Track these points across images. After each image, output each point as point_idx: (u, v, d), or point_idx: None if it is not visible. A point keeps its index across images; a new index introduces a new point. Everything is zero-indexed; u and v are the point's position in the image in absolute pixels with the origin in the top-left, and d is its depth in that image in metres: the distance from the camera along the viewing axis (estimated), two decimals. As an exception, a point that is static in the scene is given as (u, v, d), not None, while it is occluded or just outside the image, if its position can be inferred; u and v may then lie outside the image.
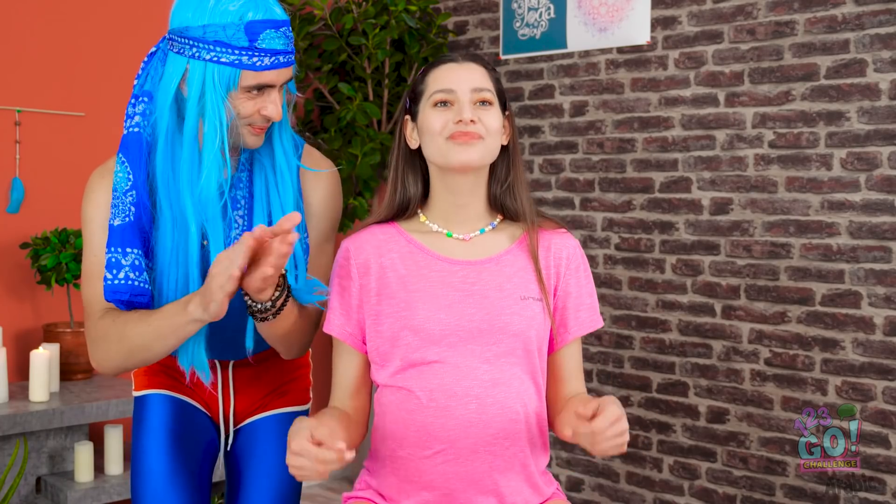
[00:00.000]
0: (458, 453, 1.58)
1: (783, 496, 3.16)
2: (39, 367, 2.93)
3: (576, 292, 1.70)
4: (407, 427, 1.61)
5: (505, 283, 1.64)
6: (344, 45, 3.81)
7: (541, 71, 3.76)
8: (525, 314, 1.62)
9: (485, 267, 1.65)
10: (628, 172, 3.52)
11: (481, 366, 1.59)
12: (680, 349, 3.40)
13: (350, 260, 1.68)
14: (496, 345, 1.61)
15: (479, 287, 1.63)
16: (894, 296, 2.94)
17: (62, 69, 3.35)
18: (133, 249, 1.64)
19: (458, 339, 1.60)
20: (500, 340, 1.61)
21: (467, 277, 1.63)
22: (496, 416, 1.58)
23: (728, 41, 3.26)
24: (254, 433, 1.90)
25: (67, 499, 2.87)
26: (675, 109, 3.39)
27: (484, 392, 1.58)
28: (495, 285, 1.63)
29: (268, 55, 1.59)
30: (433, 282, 1.63)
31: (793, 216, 3.14)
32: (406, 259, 1.66)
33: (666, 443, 3.44)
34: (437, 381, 1.59)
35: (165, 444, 1.82)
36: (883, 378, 2.96)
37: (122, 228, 1.63)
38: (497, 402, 1.58)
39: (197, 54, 1.60)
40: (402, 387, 1.62)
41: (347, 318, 1.68)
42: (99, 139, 3.42)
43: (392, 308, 1.63)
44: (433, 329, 1.60)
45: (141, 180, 1.65)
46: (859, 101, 2.99)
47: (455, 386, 1.58)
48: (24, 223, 3.26)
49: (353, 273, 1.67)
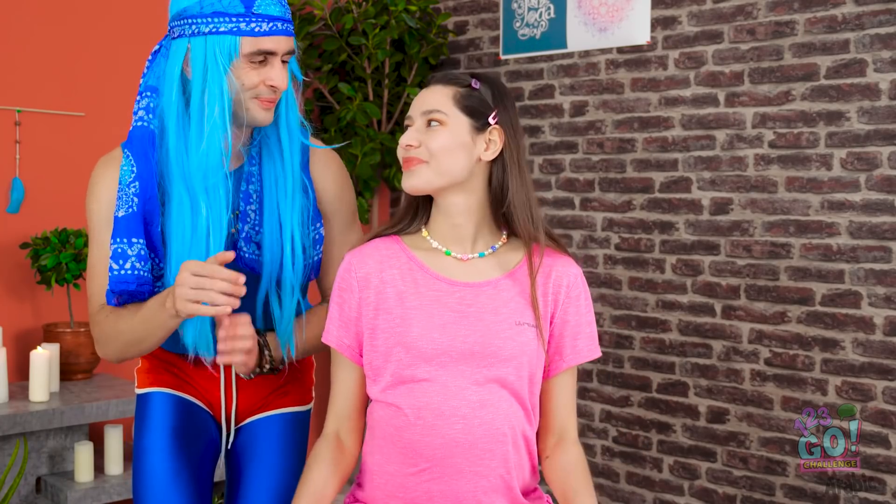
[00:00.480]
0: (442, 472, 1.59)
1: (783, 496, 3.16)
2: (39, 367, 2.93)
3: (574, 321, 1.70)
4: (394, 443, 1.62)
5: (501, 307, 1.64)
6: (344, 45, 3.81)
7: (541, 71, 3.76)
8: (518, 339, 1.63)
9: (482, 290, 1.65)
10: (628, 172, 3.52)
11: (470, 386, 1.60)
12: (680, 349, 3.40)
13: (351, 272, 1.69)
14: (487, 368, 1.61)
15: (475, 309, 1.63)
16: (894, 296, 2.94)
17: (62, 69, 3.35)
18: (138, 240, 1.67)
19: (449, 360, 1.61)
20: (491, 364, 1.61)
21: (464, 299, 1.64)
22: (482, 436, 1.59)
23: (728, 41, 3.26)
24: (255, 432, 1.90)
25: (67, 499, 2.87)
26: (675, 109, 3.39)
27: (471, 412, 1.59)
28: (491, 309, 1.64)
29: (265, 20, 1.62)
30: (429, 300, 1.64)
31: (793, 216, 3.14)
32: (405, 276, 1.67)
33: (666, 443, 3.44)
34: (425, 399, 1.60)
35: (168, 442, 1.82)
36: (883, 378, 2.97)
37: (126, 219, 1.66)
38: (484, 422, 1.59)
39: (196, 30, 1.63)
40: (391, 403, 1.63)
41: (346, 329, 1.69)
42: (99, 139, 3.42)
43: (387, 323, 1.64)
44: (425, 347, 1.61)
45: (146, 171, 1.67)
46: (859, 101, 2.99)
47: (443, 405, 1.59)
48: (24, 223, 3.26)
49: (354, 285, 1.68)
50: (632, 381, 3.53)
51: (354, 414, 1.73)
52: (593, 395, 3.64)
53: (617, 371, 3.57)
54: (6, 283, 3.24)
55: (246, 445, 1.90)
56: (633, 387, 3.53)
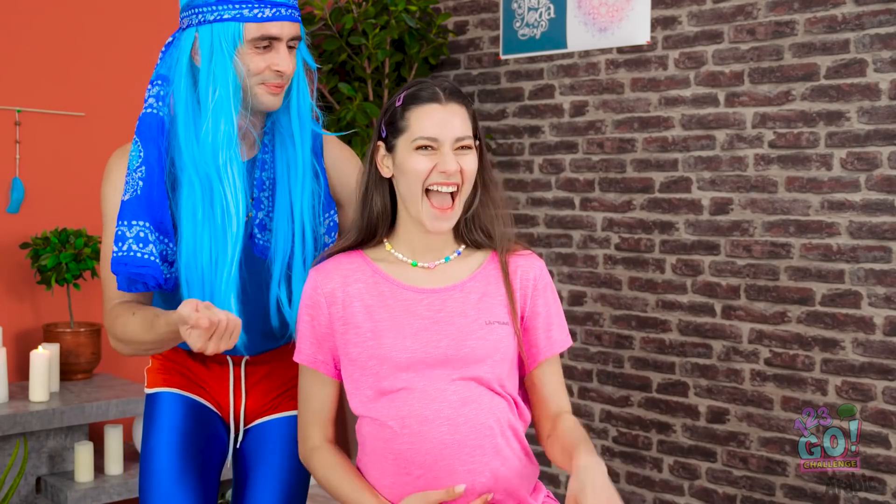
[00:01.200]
0: (436, 475, 1.60)
1: (783, 496, 3.16)
2: (39, 367, 2.93)
3: (544, 312, 1.72)
4: (384, 457, 1.63)
5: (469, 309, 1.66)
6: (344, 45, 3.81)
7: (541, 71, 3.76)
8: (490, 338, 1.64)
9: (449, 294, 1.67)
10: (628, 172, 3.52)
11: (449, 387, 1.61)
12: (680, 349, 3.40)
13: (318, 290, 1.69)
14: (463, 369, 1.62)
15: (445, 314, 1.65)
16: (894, 296, 2.94)
17: (62, 69, 3.35)
18: (138, 222, 1.68)
19: (425, 366, 1.62)
20: (466, 364, 1.63)
21: (432, 305, 1.66)
22: (469, 433, 1.60)
23: (728, 41, 3.26)
24: (263, 434, 1.91)
25: (67, 499, 2.87)
26: (675, 109, 3.39)
27: (454, 412, 1.60)
28: (460, 311, 1.65)
29: (268, 6, 1.65)
30: (398, 311, 1.65)
31: (793, 216, 3.14)
32: (371, 289, 1.68)
33: (666, 443, 3.44)
34: (407, 408, 1.61)
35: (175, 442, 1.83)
36: (883, 378, 2.97)
37: (129, 203, 1.68)
38: (468, 419, 1.60)
39: (202, 19, 1.66)
40: (375, 418, 1.64)
41: (319, 346, 1.70)
42: (99, 139, 3.42)
43: (358, 338, 1.66)
44: (399, 357, 1.62)
45: (154, 157, 1.69)
46: (859, 101, 2.99)
47: (425, 410, 1.60)
48: (24, 223, 3.26)
49: (321, 301, 1.69)
50: (632, 381, 3.53)
51: (332, 426, 1.75)
52: (593, 395, 3.64)
53: (617, 371, 3.57)
54: (6, 283, 3.24)
55: (254, 447, 1.91)
56: (633, 387, 3.53)
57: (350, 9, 3.81)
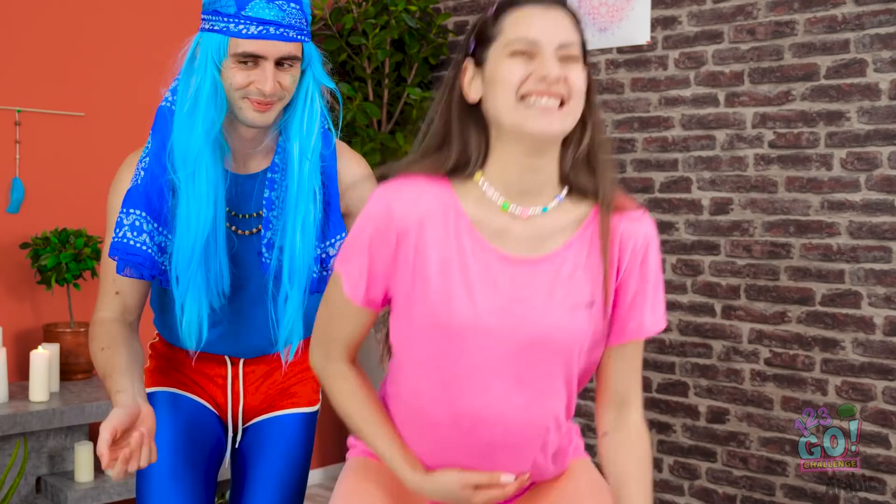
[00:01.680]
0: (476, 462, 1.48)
1: (783, 496, 3.16)
2: (39, 367, 2.93)
3: (641, 290, 1.47)
4: (420, 422, 1.49)
5: (558, 288, 1.42)
6: (344, 45, 3.81)
7: (541, 71, 3.76)
8: (571, 327, 1.42)
9: (537, 268, 1.42)
10: (628, 172, 3.52)
11: (514, 388, 1.42)
12: (680, 349, 3.40)
13: (392, 219, 1.42)
14: (534, 360, 1.42)
15: (528, 293, 1.41)
16: (894, 296, 2.94)
17: (62, 69, 3.35)
18: (135, 210, 1.69)
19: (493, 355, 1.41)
20: (540, 360, 1.42)
21: (516, 279, 1.41)
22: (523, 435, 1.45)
23: (728, 41, 3.26)
24: (261, 433, 1.91)
25: (67, 499, 2.87)
26: (675, 109, 3.39)
27: (515, 416, 1.43)
28: (546, 291, 1.41)
29: (254, 24, 1.63)
30: (475, 278, 1.41)
31: (793, 216, 3.14)
32: (451, 239, 1.42)
33: (666, 443, 3.44)
34: (463, 401, 1.43)
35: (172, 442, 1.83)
36: (883, 378, 2.97)
37: (130, 191, 1.70)
38: (527, 422, 1.44)
39: (203, 26, 1.68)
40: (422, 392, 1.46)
41: (375, 286, 1.46)
42: (99, 139, 3.42)
43: (426, 296, 1.41)
44: (470, 340, 1.41)
45: (158, 147, 1.72)
46: (859, 101, 2.99)
47: (483, 411, 1.42)
48: (24, 223, 3.26)
49: (392, 238, 1.42)
50: (632, 381, 3.53)
51: (356, 350, 1.56)
52: (593, 395, 3.64)
53: (617, 371, 3.57)
54: (6, 283, 3.24)
55: (252, 445, 1.91)
56: (633, 387, 3.53)
57: (350, 9, 3.81)
